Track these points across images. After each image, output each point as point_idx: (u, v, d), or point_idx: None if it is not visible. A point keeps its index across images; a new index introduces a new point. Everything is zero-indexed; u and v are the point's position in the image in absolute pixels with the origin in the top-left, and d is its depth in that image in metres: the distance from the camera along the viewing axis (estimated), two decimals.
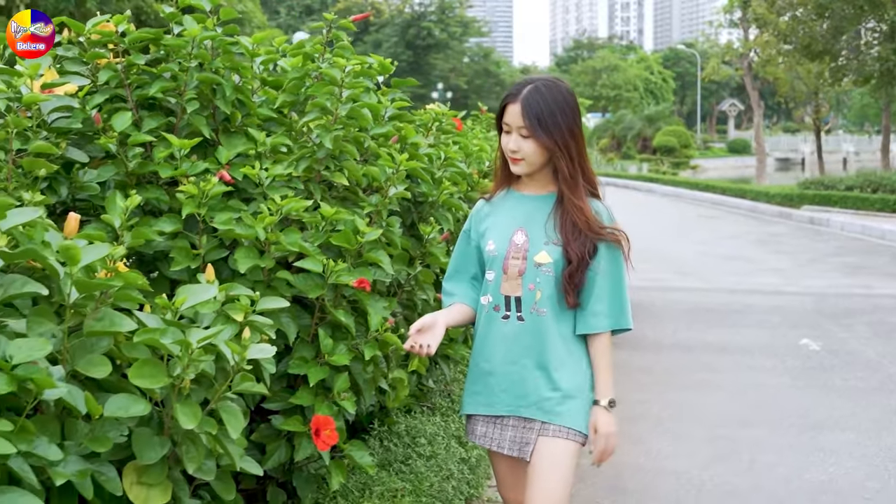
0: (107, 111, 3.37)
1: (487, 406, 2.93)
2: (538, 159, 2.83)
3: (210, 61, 3.44)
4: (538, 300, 2.83)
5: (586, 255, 2.81)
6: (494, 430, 2.93)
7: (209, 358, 2.37)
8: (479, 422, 2.97)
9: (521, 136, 2.80)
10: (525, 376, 2.85)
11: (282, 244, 3.05)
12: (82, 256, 2.25)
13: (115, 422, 2.30)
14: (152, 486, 2.38)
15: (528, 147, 2.80)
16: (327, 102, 3.45)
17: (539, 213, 2.90)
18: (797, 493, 4.95)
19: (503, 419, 2.91)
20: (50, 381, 2.03)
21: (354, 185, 3.59)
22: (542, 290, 2.83)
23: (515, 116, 2.80)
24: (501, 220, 2.95)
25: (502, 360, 2.88)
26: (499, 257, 2.89)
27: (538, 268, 2.83)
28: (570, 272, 2.80)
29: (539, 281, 2.83)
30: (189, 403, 2.36)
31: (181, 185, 3.13)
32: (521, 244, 2.87)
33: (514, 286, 2.86)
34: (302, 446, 3.04)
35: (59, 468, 2.11)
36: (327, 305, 3.14)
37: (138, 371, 2.28)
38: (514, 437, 2.89)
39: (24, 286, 2.21)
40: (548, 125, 2.77)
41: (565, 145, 2.80)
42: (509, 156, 2.86)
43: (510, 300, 2.87)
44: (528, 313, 2.85)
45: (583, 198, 2.84)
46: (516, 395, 2.87)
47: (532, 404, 2.85)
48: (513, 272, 2.86)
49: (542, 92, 2.80)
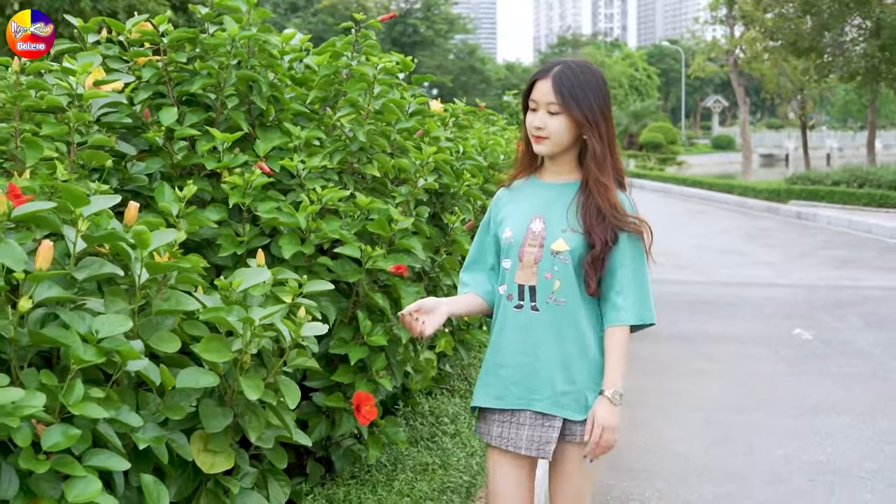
0: (149, 107, 3.54)
1: (498, 399, 2.79)
2: (564, 138, 2.72)
3: (247, 59, 3.62)
4: (556, 290, 2.72)
5: (608, 240, 2.71)
6: (510, 430, 2.78)
7: (272, 334, 2.56)
8: (493, 422, 2.82)
9: (548, 113, 2.70)
10: (538, 368, 2.74)
11: (323, 231, 3.23)
12: (152, 241, 2.43)
13: (184, 393, 2.48)
14: (217, 453, 2.56)
15: (554, 125, 2.70)
16: (360, 98, 3.63)
17: (559, 200, 2.79)
18: (796, 472, 5.16)
19: (517, 416, 2.77)
20: (135, 353, 2.22)
21: (383, 177, 3.77)
22: (561, 280, 2.72)
23: (545, 92, 2.70)
24: (520, 207, 2.84)
25: (515, 352, 2.77)
26: (514, 244, 2.78)
27: (555, 256, 2.72)
28: (592, 257, 2.70)
29: (556, 269, 2.72)
30: (252, 377, 2.55)
31: (225, 177, 3.31)
32: (539, 231, 2.76)
33: (529, 275, 2.75)
34: (343, 421, 3.23)
35: (139, 434, 2.29)
36: (366, 289, 3.32)
37: (206, 346, 2.46)
38: (532, 435, 2.75)
39: (102, 268, 2.39)
40: (579, 100, 2.67)
41: (595, 122, 2.70)
42: (533, 134, 2.75)
43: (524, 289, 2.76)
44: (545, 303, 2.73)
45: (610, 179, 2.74)
46: (528, 388, 2.75)
47: (546, 398, 2.73)
48: (528, 260, 2.75)
49: (573, 69, 2.71)
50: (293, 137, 3.55)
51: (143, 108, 3.51)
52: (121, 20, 14.68)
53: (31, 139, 2.68)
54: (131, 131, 3.48)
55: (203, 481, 2.62)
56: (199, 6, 3.81)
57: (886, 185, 21.08)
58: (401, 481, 3.44)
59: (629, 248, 2.76)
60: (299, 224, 3.22)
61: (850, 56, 26.08)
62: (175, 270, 2.53)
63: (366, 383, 3.26)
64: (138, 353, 2.23)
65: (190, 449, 2.50)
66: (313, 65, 4.04)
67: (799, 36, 25.93)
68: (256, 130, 3.64)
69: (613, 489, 4.80)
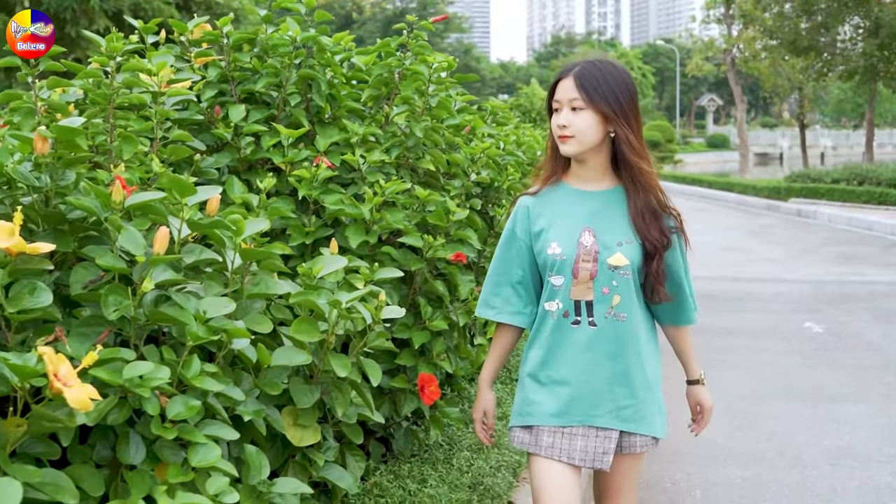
0: (213, 104, 3.72)
1: (556, 417, 2.71)
2: (590, 135, 2.63)
3: (306, 59, 3.79)
4: (616, 304, 2.66)
5: (665, 240, 2.68)
6: (563, 440, 2.70)
7: (358, 315, 2.73)
8: (542, 432, 2.73)
9: (572, 109, 2.62)
10: (600, 386, 2.68)
11: (387, 222, 3.41)
12: (245, 229, 2.61)
13: (277, 371, 2.66)
14: (306, 427, 2.74)
15: (579, 121, 2.61)
16: (414, 96, 3.81)
17: (608, 210, 2.71)
18: (819, 457, 5.35)
19: (572, 428, 2.70)
20: (242, 332, 2.40)
21: (436, 171, 3.95)
22: (622, 294, 2.66)
23: (567, 90, 2.63)
24: (563, 220, 2.72)
25: (575, 370, 2.69)
26: (567, 261, 2.66)
27: (614, 271, 2.64)
28: (657, 267, 2.67)
29: (616, 284, 2.65)
30: (339, 356, 2.73)
31: (293, 171, 3.49)
32: (590, 245, 2.66)
33: (585, 290, 2.66)
34: (406, 402, 3.41)
35: (242, 408, 2.47)
36: (426, 276, 3.50)
37: (297, 327, 2.64)
38: (586, 447, 2.69)
39: (203, 254, 2.56)
40: (603, 93, 2.60)
41: (623, 114, 2.63)
42: (558, 134, 2.66)
43: (580, 305, 2.68)
44: (603, 318, 2.66)
45: (651, 165, 2.70)
46: (591, 405, 2.69)
47: (607, 413, 2.69)
48: (583, 276, 2.65)
49: (596, 66, 2.64)
50: (351, 133, 3.72)
51: (208, 106, 3.68)
52: (125, 20, 14.80)
53: (126, 134, 2.85)
54: (199, 127, 3.66)
55: (292, 454, 2.80)
56: (257, 7, 3.98)
57: (886, 183, 21.30)
58: (459, 458, 3.62)
59: (679, 248, 2.77)
60: (364, 215, 3.39)
61: (849, 55, 26.33)
62: (267, 257, 2.70)
63: (427, 366, 3.43)
64: (246, 332, 2.41)
65: (282, 423, 2.68)
66: (360, 64, 4.22)
67: (798, 35, 26.17)
68: (315, 127, 3.81)
69: (644, 472, 4.98)
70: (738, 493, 4.82)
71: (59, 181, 2.47)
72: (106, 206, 2.40)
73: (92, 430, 2.23)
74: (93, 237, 2.50)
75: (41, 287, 2.12)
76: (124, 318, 2.27)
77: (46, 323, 2.24)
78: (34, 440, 2.02)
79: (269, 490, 2.45)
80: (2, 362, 1.83)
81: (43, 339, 2.12)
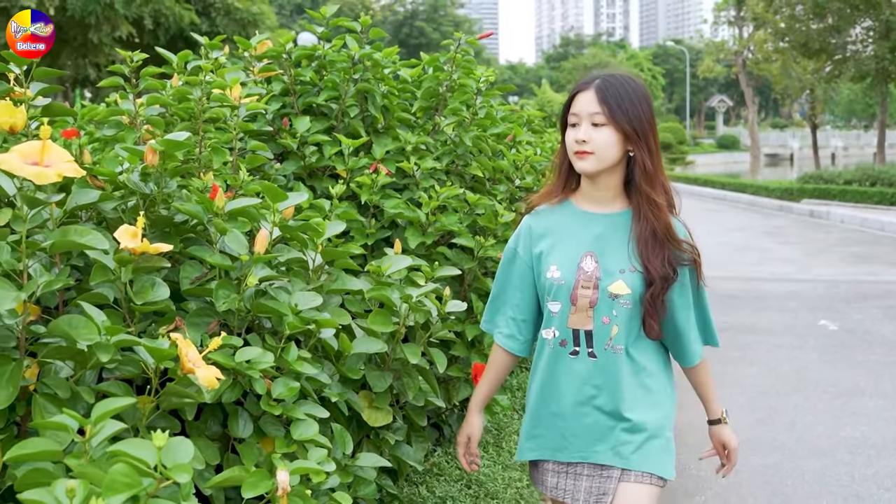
0: (278, 116, 4.03)
1: (555, 451, 2.60)
2: (610, 154, 2.47)
3: (363, 73, 4.10)
4: (614, 336, 2.51)
5: (669, 272, 2.51)
6: (567, 481, 2.60)
7: (428, 308, 3.03)
8: (548, 471, 2.63)
9: (592, 125, 2.46)
10: (598, 419, 2.54)
11: (442, 224, 3.71)
12: (326, 231, 2.92)
13: (356, 358, 2.96)
14: (380, 409, 3.04)
15: (600, 137, 2.45)
16: (463, 107, 4.11)
17: (612, 235, 2.55)
18: (837, 446, 5.63)
19: (575, 467, 2.58)
20: (333, 323, 2.70)
21: (482, 176, 4.25)
22: (620, 325, 2.51)
23: (588, 103, 2.47)
24: (564, 243, 2.59)
25: (573, 402, 2.56)
26: (565, 286, 2.53)
27: (615, 300, 2.49)
28: (652, 296, 2.50)
29: (616, 314, 2.50)
30: (410, 345, 3.03)
31: (354, 177, 3.79)
32: (591, 272, 2.52)
33: (584, 319, 2.52)
34: (460, 389, 3.71)
35: (328, 391, 2.77)
36: (478, 274, 3.80)
37: (374, 319, 2.94)
38: (591, 487, 2.56)
39: (290, 253, 2.86)
40: (626, 109, 2.45)
41: (644, 134, 2.48)
42: (575, 150, 2.49)
43: (579, 334, 2.53)
44: (602, 349, 2.51)
45: (662, 197, 2.52)
46: (590, 440, 2.56)
47: (608, 450, 2.54)
48: (583, 304, 2.51)
49: (617, 79, 2.51)
50: (404, 142, 4.02)
51: (274, 118, 3.99)
52: (145, 26, 15.29)
53: (215, 146, 3.16)
54: (266, 137, 3.97)
55: (366, 433, 3.10)
56: (315, 25, 4.29)
57: None
58: (508, 442, 3.92)
59: (691, 283, 2.61)
60: (420, 218, 3.69)
61: (861, 57, 26.58)
62: (344, 256, 3.00)
63: (479, 356, 3.73)
64: (334, 323, 2.71)
65: (360, 405, 2.98)
66: (407, 76, 4.52)
67: (809, 37, 26.43)
68: (371, 136, 4.12)
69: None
70: (760, 478, 5.10)
71: (164, 188, 2.77)
72: (208, 210, 2.70)
73: (202, 409, 2.54)
74: (191, 239, 2.80)
75: (160, 282, 2.42)
76: (230, 310, 2.57)
77: (157, 315, 2.54)
78: (160, 416, 2.32)
79: (353, 463, 2.75)
80: (142, 346, 2.12)
81: (165, 328, 2.42)
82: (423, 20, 78.23)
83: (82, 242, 2.13)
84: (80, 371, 2.19)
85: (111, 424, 1.77)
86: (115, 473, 1.60)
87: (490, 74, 4.42)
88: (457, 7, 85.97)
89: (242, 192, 3.02)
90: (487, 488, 3.48)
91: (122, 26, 21.14)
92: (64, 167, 2.08)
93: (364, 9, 76.38)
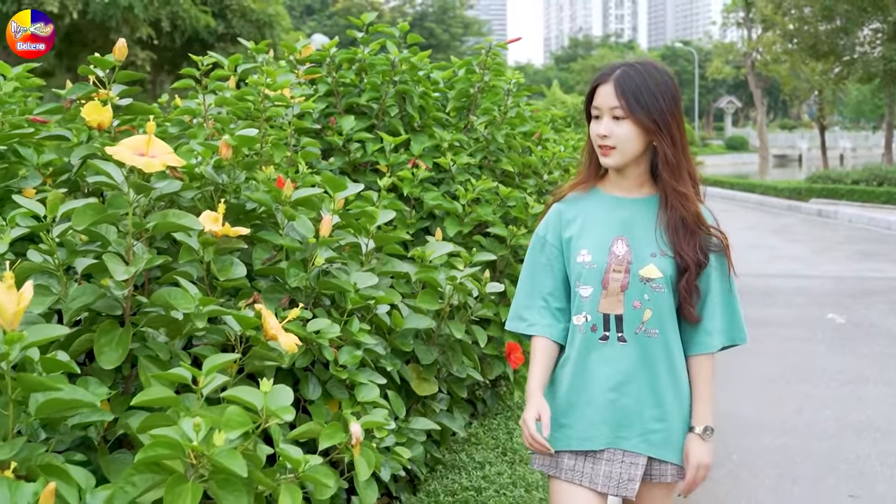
0: (325, 115, 4.35)
1: (582, 441, 2.52)
2: (633, 147, 2.47)
3: (402, 74, 4.42)
4: (647, 320, 2.48)
5: (701, 257, 2.49)
6: (586, 465, 2.53)
7: (472, 288, 3.35)
8: (564, 454, 2.55)
9: (613, 118, 2.46)
10: (628, 405, 2.49)
11: (478, 214, 4.02)
12: (379, 218, 3.23)
13: (406, 333, 3.27)
14: (427, 380, 3.36)
15: (621, 131, 2.45)
16: (495, 107, 4.43)
17: (642, 219, 2.55)
18: (844, 429, 5.93)
19: (596, 452, 2.52)
20: (389, 299, 3.01)
21: (512, 171, 4.56)
22: (653, 309, 2.48)
23: (607, 97, 2.46)
24: (595, 227, 2.57)
25: (603, 388, 2.50)
26: (597, 270, 2.50)
27: (646, 283, 2.47)
28: (688, 280, 2.48)
29: (648, 298, 2.47)
30: (454, 322, 3.34)
31: (396, 172, 4.10)
32: (623, 255, 2.50)
33: (615, 303, 2.49)
34: (494, 367, 4.02)
35: (383, 362, 3.08)
36: (510, 260, 4.12)
37: (422, 298, 3.26)
38: (611, 472, 2.51)
39: (346, 238, 3.18)
40: (646, 102, 2.43)
41: (666, 125, 2.45)
42: (598, 144, 2.50)
43: (609, 318, 2.50)
44: (633, 334, 2.48)
45: (688, 187, 2.50)
46: (617, 426, 2.50)
47: (635, 436, 2.50)
48: (614, 288, 2.48)
49: (637, 70, 2.48)
50: (440, 139, 4.33)
51: (321, 116, 4.31)
52: (163, 28, 15.70)
53: (275, 142, 3.47)
54: (314, 135, 4.28)
55: (413, 402, 3.41)
56: (355, 31, 4.60)
57: None
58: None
59: (717, 268, 2.56)
60: (457, 210, 4.01)
61: (869, 59, 26.83)
62: (395, 241, 3.32)
63: (512, 336, 4.04)
64: (391, 299, 3.02)
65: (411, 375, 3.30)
66: (439, 78, 4.85)
67: (818, 39, 26.70)
68: (409, 134, 4.44)
69: None
70: (770, 457, 5.41)
71: (235, 179, 3.08)
72: (276, 199, 3.01)
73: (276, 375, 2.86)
74: (258, 225, 3.11)
75: (237, 262, 2.73)
76: (298, 287, 2.88)
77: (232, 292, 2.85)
78: (240, 381, 2.63)
79: (406, 426, 3.07)
80: (230, 315, 2.43)
81: (244, 302, 2.74)
82: (433, 21, 78.54)
83: (180, 224, 2.45)
84: (176, 336, 2.50)
85: (218, 377, 2.09)
86: (231, 413, 1.92)
87: (519, 77, 4.72)
88: (466, 8, 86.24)
89: (300, 183, 3.33)
90: (522, 455, 3.79)
91: (141, 28, 21.55)
92: (167, 158, 2.40)
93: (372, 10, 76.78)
